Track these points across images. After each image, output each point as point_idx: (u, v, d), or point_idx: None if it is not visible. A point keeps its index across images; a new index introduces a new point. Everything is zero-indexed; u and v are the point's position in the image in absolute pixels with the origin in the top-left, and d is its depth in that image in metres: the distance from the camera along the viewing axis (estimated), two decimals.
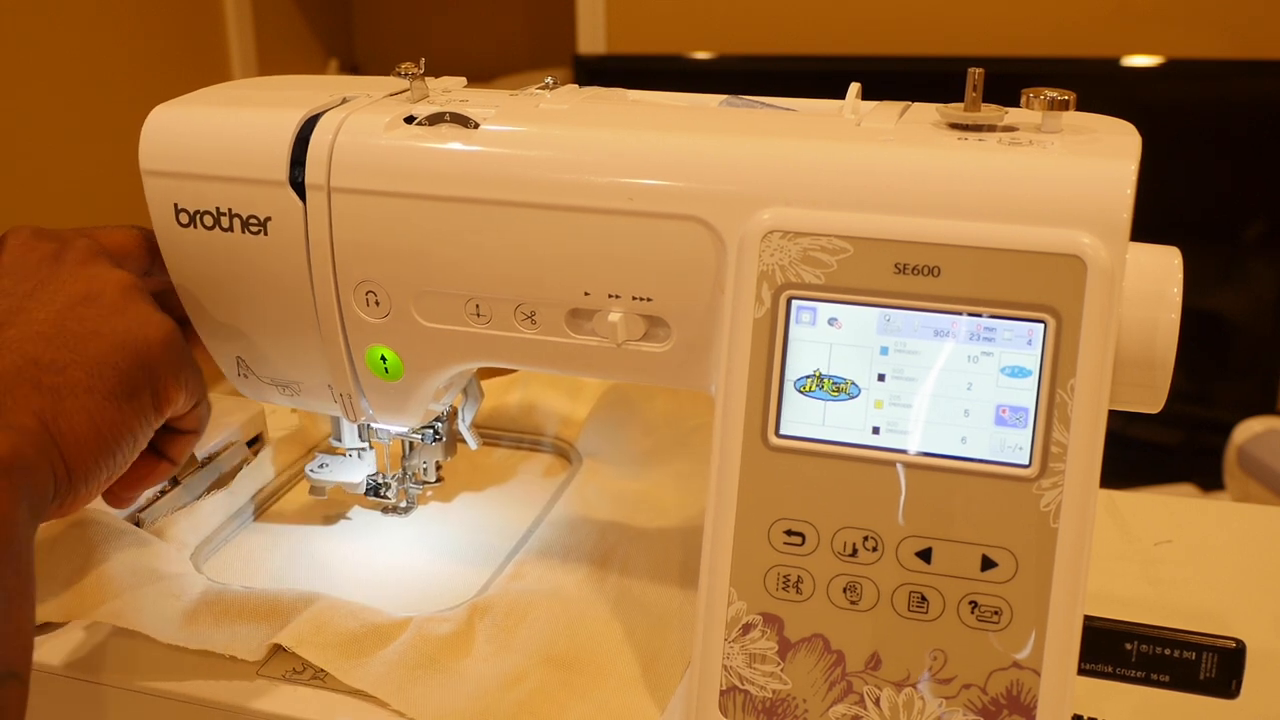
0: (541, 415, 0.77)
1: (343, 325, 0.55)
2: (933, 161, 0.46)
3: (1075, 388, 0.43)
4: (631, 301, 0.51)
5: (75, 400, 0.47)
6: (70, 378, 0.47)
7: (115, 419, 0.48)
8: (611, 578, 0.61)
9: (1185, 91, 1.78)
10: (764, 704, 0.47)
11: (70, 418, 0.46)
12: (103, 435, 0.48)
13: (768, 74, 1.90)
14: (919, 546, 0.45)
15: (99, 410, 0.47)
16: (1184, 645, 0.47)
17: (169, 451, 0.55)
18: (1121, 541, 0.67)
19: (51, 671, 0.55)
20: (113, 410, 0.48)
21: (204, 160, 0.54)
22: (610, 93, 0.57)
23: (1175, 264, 0.47)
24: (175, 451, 0.55)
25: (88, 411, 0.47)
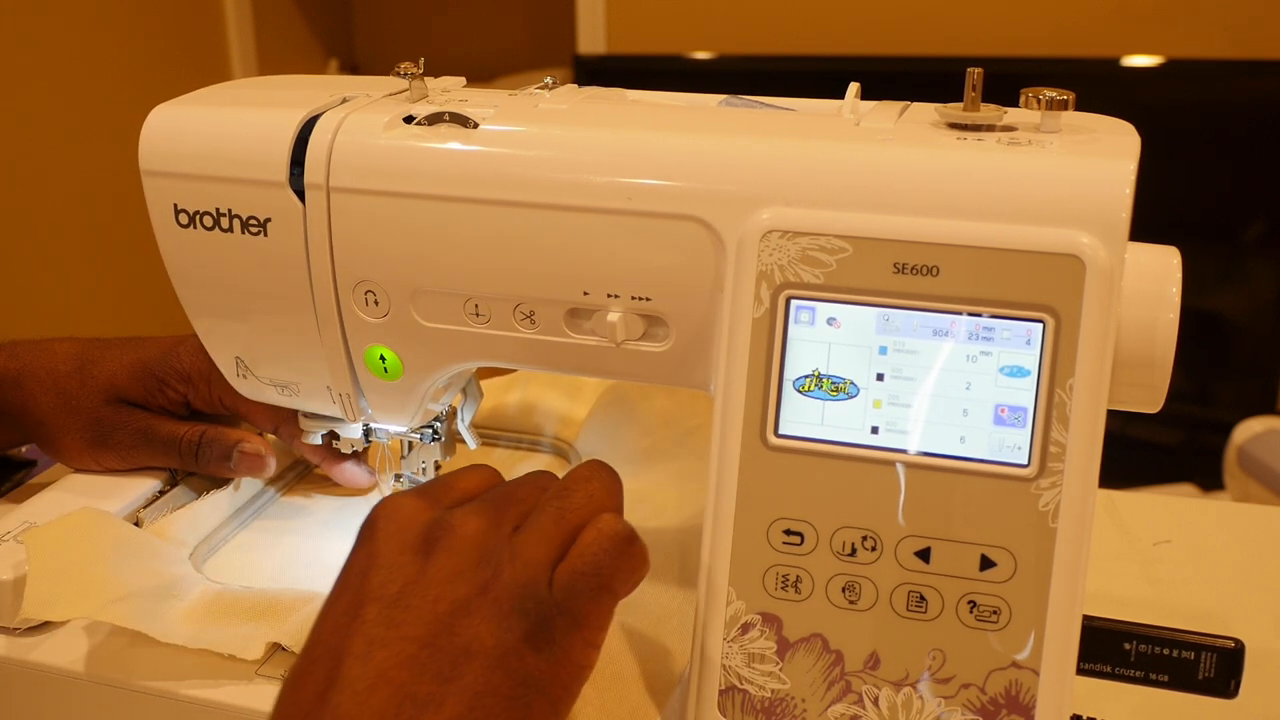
0: (540, 415, 0.77)
1: (342, 325, 0.56)
2: (932, 161, 0.46)
3: (1074, 387, 0.43)
4: (630, 301, 0.51)
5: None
6: (449, 713, 0.40)
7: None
8: None
9: (1185, 91, 1.78)
10: (763, 703, 0.47)
11: None
12: None
13: (767, 74, 1.90)
14: (918, 546, 0.45)
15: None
16: (1183, 645, 0.47)
17: None
18: (1121, 541, 0.67)
19: (52, 671, 0.55)
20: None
21: (204, 160, 0.54)
22: (610, 93, 0.57)
23: (1174, 264, 0.47)
24: None
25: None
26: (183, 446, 0.65)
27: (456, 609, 0.41)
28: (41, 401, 0.65)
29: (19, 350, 0.66)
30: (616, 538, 0.43)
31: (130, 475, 0.66)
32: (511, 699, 0.41)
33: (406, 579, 0.42)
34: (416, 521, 0.44)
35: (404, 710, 0.39)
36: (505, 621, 0.41)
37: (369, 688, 0.40)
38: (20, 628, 0.57)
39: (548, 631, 0.42)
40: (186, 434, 0.65)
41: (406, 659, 0.40)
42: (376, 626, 0.41)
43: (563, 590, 0.42)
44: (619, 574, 0.43)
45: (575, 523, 0.44)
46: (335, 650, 0.41)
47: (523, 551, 0.43)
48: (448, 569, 0.42)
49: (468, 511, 0.44)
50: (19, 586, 0.55)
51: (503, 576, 0.42)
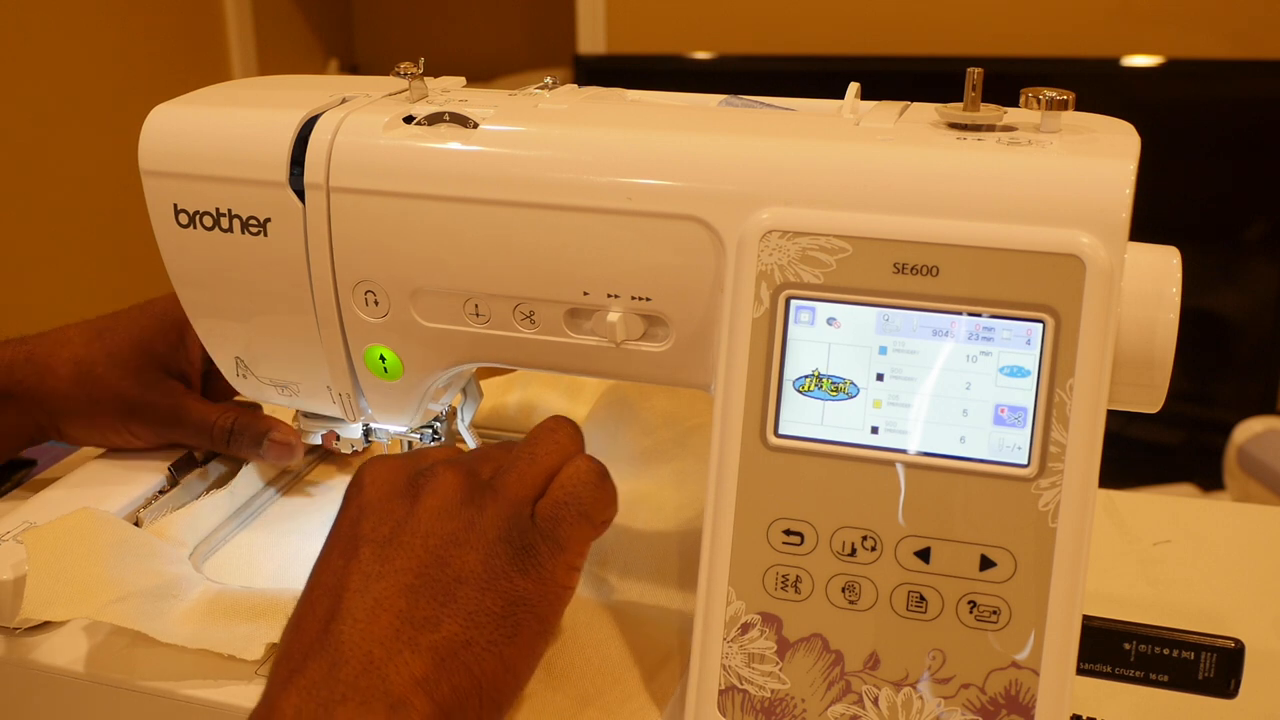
0: (540, 415, 0.77)
1: (342, 325, 0.56)
2: (931, 161, 0.46)
3: (1074, 387, 0.43)
4: (630, 301, 0.51)
5: (455, 659, 0.43)
6: (446, 632, 0.43)
7: (499, 670, 0.44)
8: (611, 577, 0.61)
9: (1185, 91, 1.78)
10: (763, 703, 0.47)
11: (455, 677, 0.43)
12: (491, 689, 0.44)
13: (767, 74, 1.90)
14: (918, 546, 0.45)
15: (481, 663, 0.43)
16: (1183, 645, 0.47)
17: None
18: (1121, 541, 0.67)
19: (52, 671, 0.55)
20: (494, 660, 0.44)
21: (204, 160, 0.54)
22: (609, 92, 0.57)
23: (1174, 264, 0.47)
24: None
25: (469, 668, 0.43)
26: (215, 432, 0.66)
27: (446, 541, 0.45)
28: (63, 375, 0.65)
29: (27, 339, 0.67)
30: (592, 473, 0.48)
31: (130, 475, 0.66)
32: (502, 617, 0.45)
33: (397, 520, 0.46)
34: (401, 473, 0.48)
35: (403, 632, 0.43)
36: (493, 549, 0.45)
37: (369, 615, 0.43)
38: (20, 628, 0.57)
39: (533, 557, 0.46)
40: (219, 420, 0.66)
41: (403, 588, 0.44)
42: (372, 563, 0.45)
43: (546, 519, 0.47)
44: (596, 504, 0.48)
45: (548, 465, 0.49)
46: (334, 589, 0.44)
47: (503, 490, 0.47)
48: (435, 508, 0.46)
49: (446, 464, 0.49)
50: (19, 586, 0.55)
51: (487, 511, 0.46)
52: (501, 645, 0.44)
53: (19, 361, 0.65)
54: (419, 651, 0.42)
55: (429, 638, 0.43)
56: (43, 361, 0.65)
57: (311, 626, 0.44)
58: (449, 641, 0.43)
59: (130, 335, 0.66)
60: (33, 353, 0.65)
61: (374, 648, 0.42)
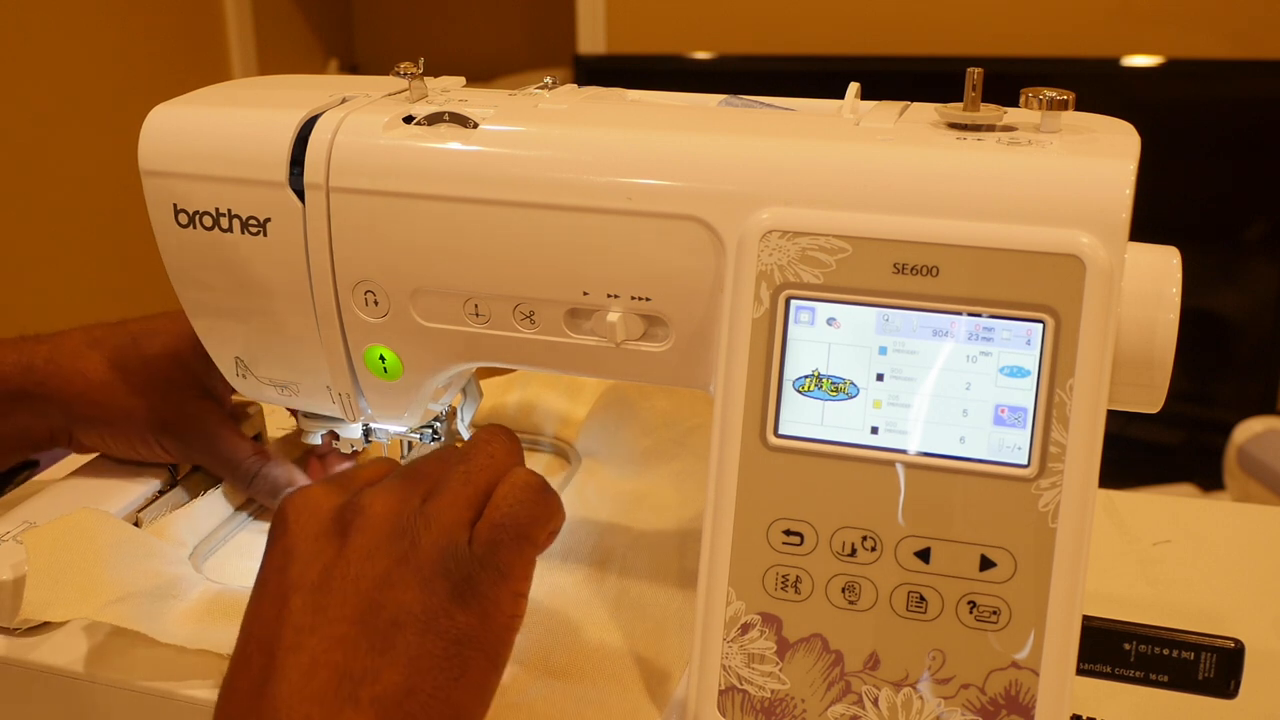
0: (540, 415, 0.77)
1: (341, 325, 0.56)
2: (931, 161, 0.46)
3: (1074, 388, 0.43)
4: (630, 301, 0.51)
5: (399, 709, 0.40)
6: (387, 683, 0.40)
7: (448, 715, 0.41)
8: (610, 577, 0.61)
9: (1185, 91, 1.78)
10: (763, 704, 0.47)
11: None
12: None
13: (767, 74, 1.90)
14: (918, 546, 0.45)
15: (427, 710, 0.41)
16: (1183, 645, 0.47)
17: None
18: (1121, 541, 0.67)
19: (51, 671, 0.55)
20: (440, 704, 0.41)
21: (203, 160, 0.54)
22: (609, 92, 0.57)
23: (1174, 264, 0.47)
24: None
25: (414, 716, 0.41)
26: (240, 471, 0.65)
27: (379, 583, 0.42)
28: (95, 378, 0.62)
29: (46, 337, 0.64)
30: (529, 488, 0.45)
31: (130, 475, 0.66)
32: (447, 658, 0.41)
33: (325, 563, 0.43)
34: (326, 508, 0.45)
35: (343, 688, 0.40)
36: (429, 585, 0.42)
37: (305, 674, 0.40)
38: (20, 628, 0.57)
39: (473, 587, 0.43)
40: (248, 461, 0.65)
41: (338, 639, 0.41)
42: (303, 614, 0.42)
43: (483, 545, 0.43)
44: (536, 522, 0.44)
45: (482, 482, 0.45)
46: (266, 645, 0.42)
47: (437, 516, 0.44)
48: (364, 547, 0.43)
49: (375, 491, 0.45)
50: (19, 586, 0.55)
51: (421, 544, 0.43)
52: (448, 689, 0.41)
53: (39, 361, 0.63)
54: (360, 708, 0.40)
55: (370, 691, 0.40)
56: (68, 363, 0.63)
57: (245, 689, 0.41)
58: (392, 692, 0.40)
59: (166, 345, 0.64)
60: (55, 353, 0.63)
61: (312, 709, 0.40)
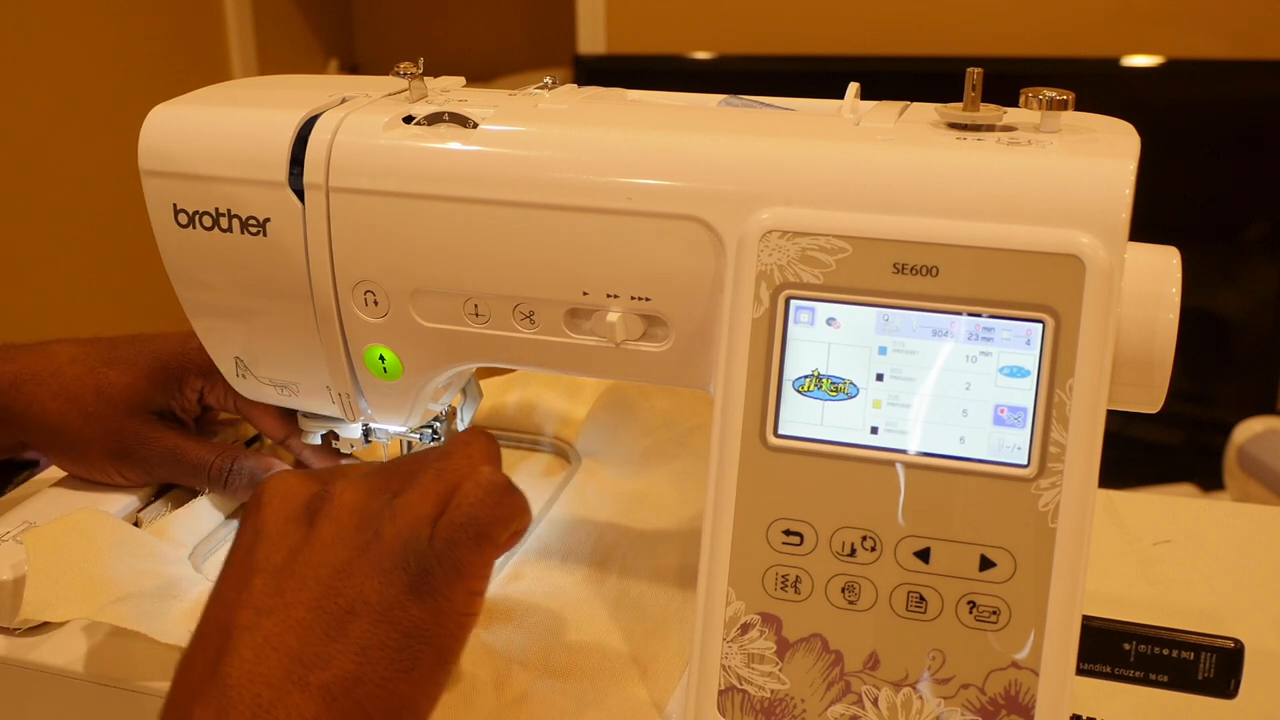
0: (540, 415, 0.77)
1: (341, 325, 0.55)
2: (931, 161, 0.46)
3: (1074, 388, 0.43)
4: (630, 301, 0.51)
5: (347, 697, 0.41)
6: (337, 670, 0.41)
7: (394, 707, 0.42)
8: (610, 578, 0.61)
9: (1185, 91, 1.78)
10: (762, 704, 0.47)
11: (347, 716, 0.41)
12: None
13: (768, 74, 1.90)
14: (917, 546, 0.45)
15: (373, 699, 0.41)
16: (1182, 645, 0.47)
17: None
18: (1120, 541, 0.67)
19: (52, 671, 0.55)
20: (386, 696, 0.42)
21: (203, 160, 0.54)
22: (609, 92, 0.57)
23: (1174, 264, 0.47)
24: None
25: (361, 705, 0.41)
26: (211, 473, 0.64)
27: (339, 571, 0.43)
28: (51, 408, 0.63)
29: (12, 354, 0.65)
30: (493, 488, 0.45)
31: None
32: (398, 650, 0.42)
33: (290, 548, 0.44)
34: (299, 495, 0.46)
35: (293, 673, 0.41)
36: (388, 577, 0.43)
37: (257, 654, 0.41)
38: (20, 628, 0.57)
39: (430, 583, 0.43)
40: (216, 461, 0.64)
41: (294, 624, 0.42)
42: (263, 596, 0.43)
43: (443, 541, 0.44)
44: (497, 523, 0.44)
45: (454, 481, 0.45)
46: (224, 624, 0.43)
47: (403, 510, 0.44)
48: (329, 535, 0.44)
49: (348, 482, 0.46)
50: (19, 587, 0.55)
51: (384, 535, 0.44)
52: (396, 681, 0.42)
53: (4, 383, 0.63)
54: (309, 692, 0.41)
55: (319, 676, 0.41)
56: (29, 390, 0.63)
57: (200, 666, 0.42)
58: (341, 680, 0.41)
59: (126, 378, 0.64)
60: (19, 375, 0.63)
61: (262, 689, 0.40)
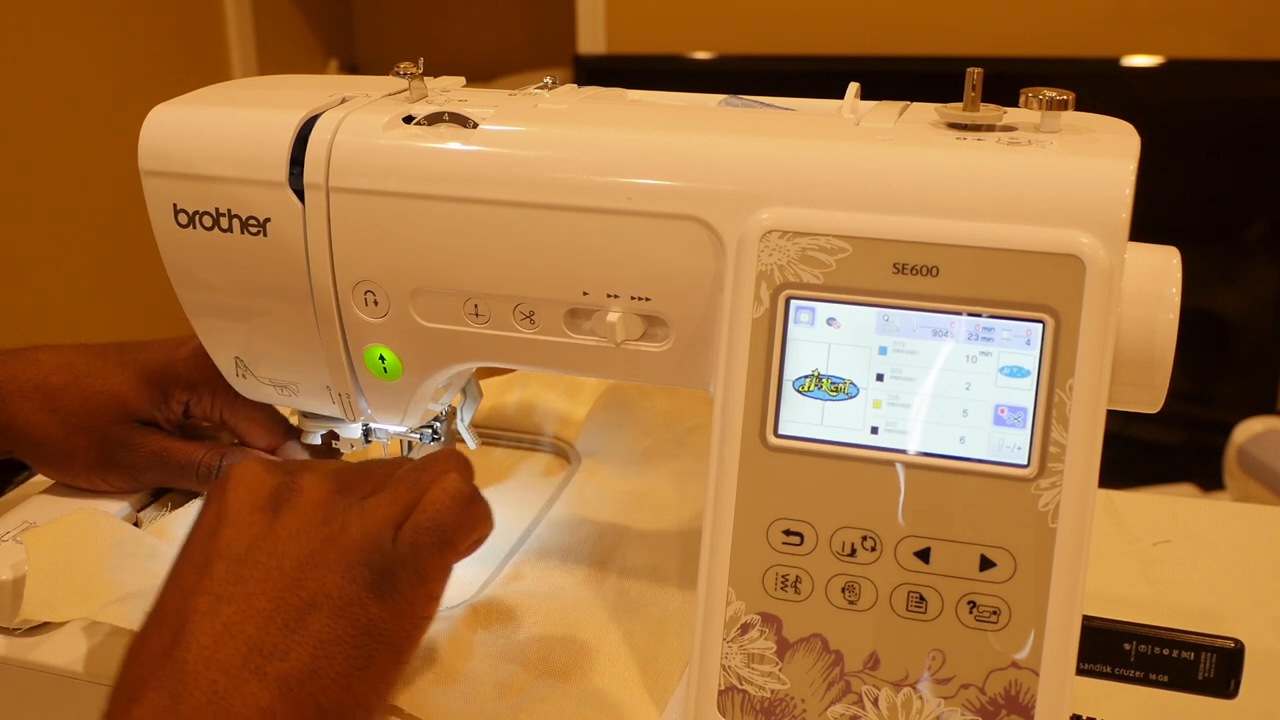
0: (540, 415, 0.77)
1: (341, 325, 0.55)
2: (931, 161, 0.46)
3: (1074, 388, 0.43)
4: (630, 301, 0.51)
5: (301, 689, 0.41)
6: (294, 662, 0.41)
7: (347, 702, 0.42)
8: (610, 578, 0.61)
9: (1185, 91, 1.78)
10: (762, 704, 0.47)
11: (300, 708, 0.41)
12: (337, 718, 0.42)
13: (768, 74, 1.90)
14: (917, 546, 0.45)
15: (327, 694, 0.42)
16: (1183, 645, 0.47)
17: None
18: (1120, 541, 0.67)
19: (52, 671, 0.55)
20: (340, 692, 0.42)
21: (203, 160, 0.54)
22: (609, 92, 0.57)
23: (1174, 264, 0.47)
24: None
25: (314, 699, 0.41)
26: (200, 470, 0.64)
27: (302, 563, 0.43)
28: (35, 419, 0.62)
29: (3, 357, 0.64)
30: (459, 496, 0.46)
31: None
32: (355, 646, 0.43)
33: (254, 536, 0.44)
34: (266, 483, 0.46)
35: (250, 661, 0.41)
36: (350, 573, 0.43)
37: (215, 641, 0.41)
38: (20, 628, 0.57)
39: (391, 583, 0.44)
40: (204, 458, 0.64)
41: (253, 613, 0.42)
42: (224, 583, 0.43)
43: (407, 544, 0.44)
44: (460, 530, 0.45)
45: (424, 488, 0.46)
46: (181, 608, 0.43)
47: (370, 509, 0.45)
48: (294, 527, 0.44)
49: (316, 475, 0.47)
50: (19, 587, 0.55)
51: (350, 531, 0.44)
52: (351, 677, 0.42)
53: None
54: (265, 681, 0.41)
55: (277, 667, 0.41)
56: (14, 402, 0.62)
57: (155, 648, 0.42)
58: (297, 672, 0.41)
59: (111, 388, 0.63)
60: (2, 387, 0.62)
61: (219, 677, 0.40)
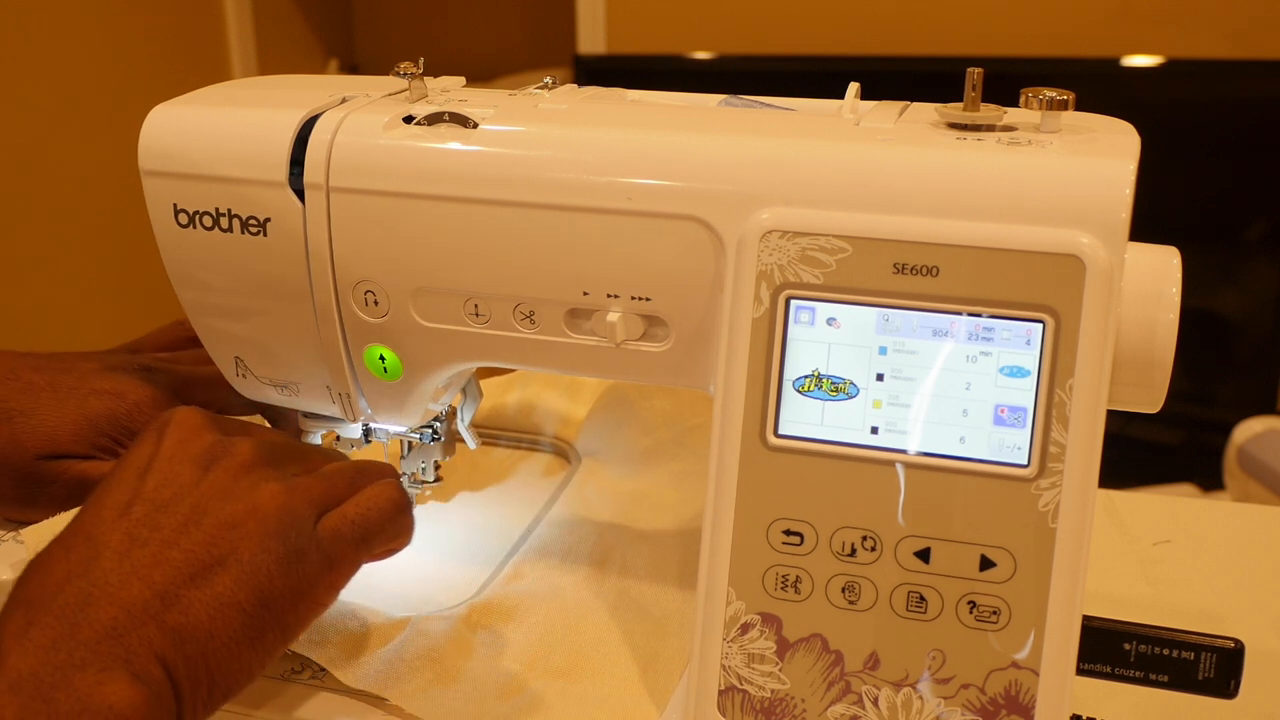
0: (540, 415, 0.77)
1: (341, 325, 0.56)
2: (931, 161, 0.46)
3: (1074, 388, 0.43)
4: (630, 301, 0.51)
5: (195, 646, 0.42)
6: (193, 617, 0.42)
7: (234, 669, 0.43)
8: (610, 578, 0.61)
9: (1185, 91, 1.78)
10: (762, 704, 0.47)
11: (191, 664, 0.42)
12: (222, 683, 0.43)
13: (768, 74, 1.90)
14: (917, 546, 0.45)
15: (218, 657, 0.43)
16: (1183, 645, 0.47)
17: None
18: (1120, 541, 0.67)
19: None
20: (230, 658, 0.43)
21: (203, 160, 0.54)
22: (609, 92, 0.57)
23: (1174, 264, 0.47)
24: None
25: (205, 659, 0.42)
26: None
27: (222, 523, 0.44)
28: None
29: None
30: (391, 502, 0.47)
31: None
32: (251, 616, 0.43)
33: (181, 487, 0.45)
34: (202, 437, 0.47)
35: (152, 606, 0.42)
36: (265, 543, 0.44)
37: (122, 580, 0.42)
38: None
39: (301, 563, 0.45)
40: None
41: (164, 560, 0.43)
42: (141, 527, 0.43)
43: (329, 531, 0.46)
44: (383, 534, 0.47)
45: (359, 485, 0.48)
46: (95, 540, 0.43)
47: (299, 487, 0.46)
48: (221, 485, 0.45)
49: (252, 441, 0.47)
50: None
51: (274, 501, 0.45)
52: (242, 646, 0.43)
53: None
54: (164, 630, 0.41)
55: (176, 618, 0.42)
56: None
57: (59, 573, 0.42)
58: (194, 628, 0.42)
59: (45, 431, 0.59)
60: None
61: (120, 614, 0.41)
